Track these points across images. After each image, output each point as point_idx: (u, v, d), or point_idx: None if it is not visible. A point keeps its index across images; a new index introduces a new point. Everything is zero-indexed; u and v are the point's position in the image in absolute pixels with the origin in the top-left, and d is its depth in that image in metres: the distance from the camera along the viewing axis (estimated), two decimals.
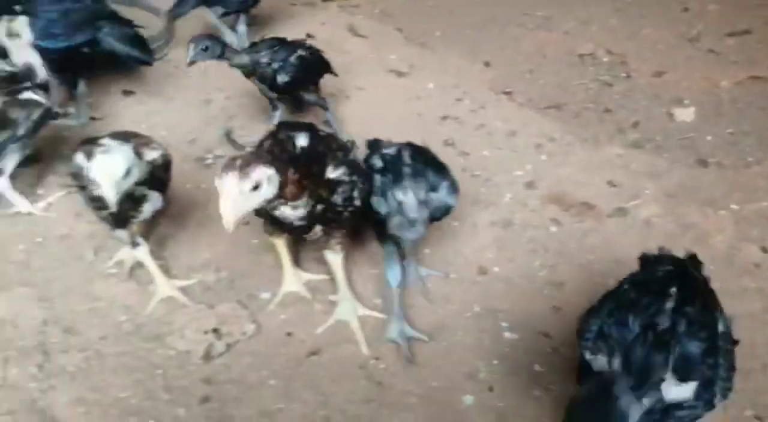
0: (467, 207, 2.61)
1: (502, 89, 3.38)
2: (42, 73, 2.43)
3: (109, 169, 1.88)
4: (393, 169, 2.07)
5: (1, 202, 2.57)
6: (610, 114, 3.24)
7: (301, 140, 2.03)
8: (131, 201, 2.05)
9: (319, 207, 1.96)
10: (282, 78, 2.74)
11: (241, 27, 3.44)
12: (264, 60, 2.72)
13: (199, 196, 2.67)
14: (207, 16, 3.52)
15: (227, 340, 2.15)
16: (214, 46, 2.61)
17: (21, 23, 2.36)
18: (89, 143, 2.01)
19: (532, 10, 4.04)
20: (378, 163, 2.13)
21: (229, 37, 3.42)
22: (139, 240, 2.22)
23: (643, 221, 2.60)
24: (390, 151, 2.16)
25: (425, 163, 2.12)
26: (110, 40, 2.87)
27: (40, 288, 2.30)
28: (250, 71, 2.74)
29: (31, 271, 2.36)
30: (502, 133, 3.08)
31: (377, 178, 2.09)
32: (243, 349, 2.14)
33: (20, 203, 2.52)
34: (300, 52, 2.80)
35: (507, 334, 2.21)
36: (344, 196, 2.01)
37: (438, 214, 2.13)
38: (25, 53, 2.39)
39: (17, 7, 2.52)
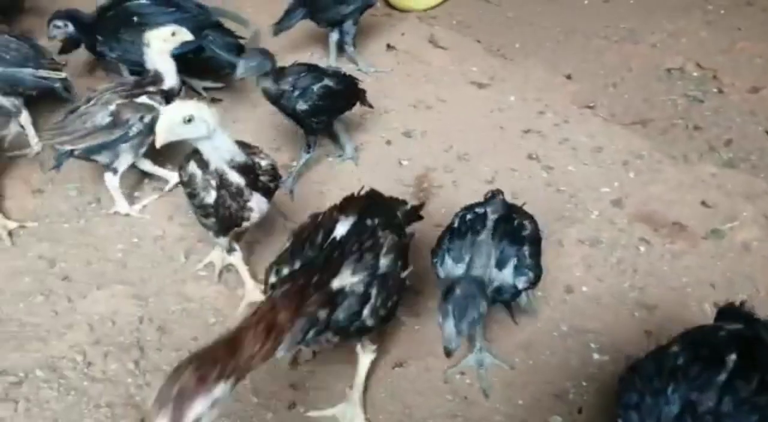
0: (552, 223, 2.57)
1: (585, 103, 3.31)
2: (171, 80, 2.52)
3: None
4: (468, 233, 1.92)
5: (101, 202, 2.71)
6: (700, 131, 3.11)
7: (341, 228, 1.78)
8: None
9: (312, 332, 1.63)
10: (300, 106, 2.59)
11: (348, 39, 3.44)
12: (286, 87, 2.59)
13: (285, 203, 2.73)
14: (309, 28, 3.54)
15: (314, 347, 2.17)
16: (263, 62, 2.52)
17: (161, 33, 2.45)
18: (199, 152, 2.01)
19: (615, 23, 3.93)
20: (455, 222, 2.00)
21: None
22: (236, 246, 2.28)
23: (741, 245, 2.50)
24: (479, 209, 2.01)
25: (503, 233, 1.93)
26: (214, 47, 3.01)
27: (136, 286, 2.39)
28: (273, 98, 2.63)
29: (127, 270, 2.46)
30: (587, 148, 3.01)
31: (445, 241, 1.96)
32: (329, 357, 2.16)
33: (121, 204, 2.62)
34: (327, 81, 2.65)
35: (596, 356, 2.16)
36: (349, 311, 1.68)
37: (504, 296, 1.93)
38: (159, 60, 2.49)
39: (135, 19, 2.66)
